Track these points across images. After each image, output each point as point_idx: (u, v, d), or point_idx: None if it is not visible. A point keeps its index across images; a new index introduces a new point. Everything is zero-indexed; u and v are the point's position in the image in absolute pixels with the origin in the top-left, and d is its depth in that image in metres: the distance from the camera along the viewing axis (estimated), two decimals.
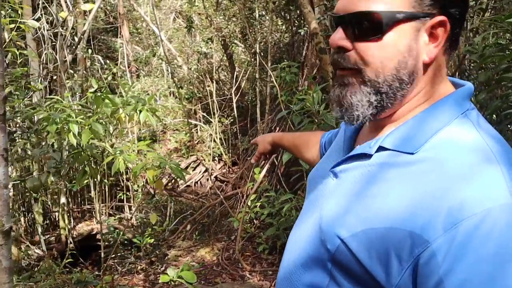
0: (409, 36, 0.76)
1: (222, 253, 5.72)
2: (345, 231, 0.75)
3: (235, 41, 9.41)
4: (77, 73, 6.78)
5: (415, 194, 0.69)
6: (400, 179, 0.73)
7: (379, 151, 0.79)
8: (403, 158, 0.75)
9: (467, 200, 0.64)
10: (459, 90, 0.82)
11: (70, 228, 5.89)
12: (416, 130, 0.77)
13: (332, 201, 0.83)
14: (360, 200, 0.76)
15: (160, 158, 2.99)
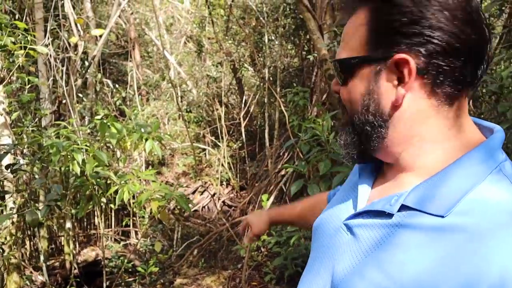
0: (368, 79, 0.75)
1: (229, 282, 5.58)
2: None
3: (245, 65, 9.44)
4: (87, 97, 6.81)
5: (450, 266, 0.62)
6: (430, 248, 0.65)
7: (402, 210, 0.72)
8: (431, 221, 0.67)
9: (508, 272, 0.58)
10: (491, 139, 0.73)
11: (75, 254, 5.80)
12: (444, 188, 0.69)
13: (348, 260, 0.76)
14: (382, 265, 0.69)
15: (165, 189, 2.92)
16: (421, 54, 0.68)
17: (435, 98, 0.71)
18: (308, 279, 0.88)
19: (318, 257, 0.88)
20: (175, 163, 9.54)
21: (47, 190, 4.95)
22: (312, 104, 5.66)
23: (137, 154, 7.29)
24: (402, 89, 0.71)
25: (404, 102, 0.72)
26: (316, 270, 0.86)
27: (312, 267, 0.89)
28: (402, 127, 0.74)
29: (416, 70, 0.69)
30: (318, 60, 5.06)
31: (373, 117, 0.75)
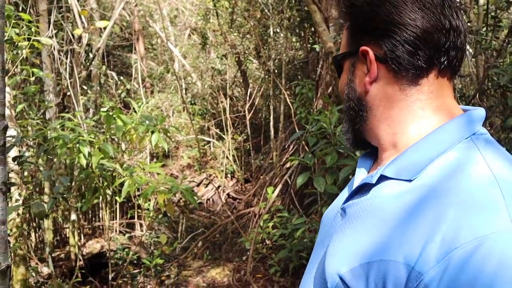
0: (348, 71, 0.87)
1: (233, 274, 5.59)
2: (344, 267, 0.72)
3: (250, 58, 9.39)
4: (91, 89, 6.79)
5: (410, 224, 0.67)
6: (398, 209, 0.71)
7: (381, 181, 0.78)
8: (402, 187, 0.74)
9: (461, 228, 0.61)
10: (468, 114, 0.80)
11: (80, 245, 5.82)
12: (414, 156, 0.76)
13: (336, 239, 0.80)
14: (358, 234, 0.75)
15: (172, 182, 2.91)
16: (382, 44, 0.78)
17: (400, 83, 0.79)
18: (310, 266, 0.92)
19: (319, 244, 0.93)
20: (179, 156, 9.53)
21: (52, 183, 4.96)
22: (318, 96, 5.62)
23: (142, 147, 7.29)
24: (367, 77, 0.81)
25: (374, 89, 0.82)
26: (317, 256, 0.90)
27: (314, 253, 0.94)
28: (376, 110, 0.83)
29: (375, 58, 0.79)
30: (324, 52, 5.02)
31: (353, 103, 0.85)
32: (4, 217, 1.23)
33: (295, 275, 5.27)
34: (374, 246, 0.69)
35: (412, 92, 0.79)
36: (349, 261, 0.72)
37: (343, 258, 0.73)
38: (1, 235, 1.24)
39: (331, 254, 0.78)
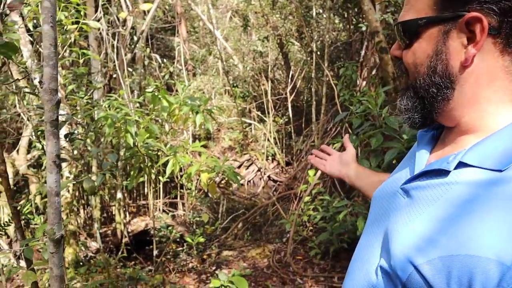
0: (436, 40, 0.75)
1: (273, 255, 5.63)
2: (420, 257, 0.67)
3: (291, 39, 9.28)
4: (136, 72, 6.93)
5: (507, 219, 0.61)
6: (488, 201, 0.65)
7: (459, 168, 0.72)
8: (489, 176, 0.67)
9: None
10: None
11: (126, 223, 6.02)
12: (503, 144, 0.69)
13: (403, 223, 0.75)
14: (439, 223, 0.68)
15: (215, 161, 2.94)
16: (494, 12, 0.67)
17: (505, 59, 0.70)
18: (363, 243, 0.89)
19: (374, 221, 0.89)
20: (221, 138, 9.63)
21: (100, 161, 5.13)
22: (361, 78, 5.49)
23: (186, 127, 7.39)
24: (473, 48, 0.70)
25: (473, 63, 0.72)
26: (371, 233, 0.87)
27: (367, 231, 0.91)
28: (468, 88, 0.73)
29: (488, 29, 0.68)
30: (369, 32, 4.88)
31: (440, 79, 0.75)
32: (58, 188, 1.28)
33: (336, 258, 5.25)
34: (458, 239, 0.64)
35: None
36: (424, 250, 0.67)
37: (415, 245, 0.69)
38: (55, 206, 1.29)
39: (400, 239, 0.73)
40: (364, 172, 1.43)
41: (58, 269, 1.35)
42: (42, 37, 1.22)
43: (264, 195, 8.16)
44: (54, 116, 1.23)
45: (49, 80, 1.22)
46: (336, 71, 7.10)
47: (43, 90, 1.21)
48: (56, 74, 1.23)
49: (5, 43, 1.60)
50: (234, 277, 3.04)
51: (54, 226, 1.30)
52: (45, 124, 1.24)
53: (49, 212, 1.29)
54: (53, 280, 1.37)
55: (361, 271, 0.83)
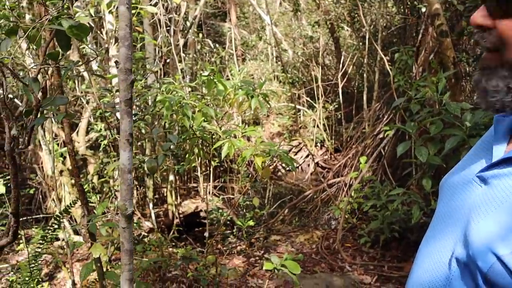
0: None
1: (322, 241, 5.61)
2: (504, 247, 0.63)
3: (342, 24, 9.09)
4: (188, 56, 7.03)
5: None
6: None
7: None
8: None
9: None
10: None
11: (177, 205, 6.18)
12: None
13: (483, 213, 0.71)
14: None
15: (270, 145, 2.95)
16: None
17: None
18: (433, 234, 0.86)
19: (446, 211, 0.85)
20: (269, 123, 9.63)
21: (153, 143, 5.28)
22: (418, 63, 5.30)
23: (242, 111, 7.45)
24: None
25: None
26: (443, 223, 0.83)
27: (438, 222, 0.86)
28: None
29: None
30: (429, 15, 4.69)
31: None
32: (130, 166, 1.33)
33: (386, 247, 5.16)
34: None
35: None
36: (509, 241, 0.64)
37: (497, 235, 0.66)
38: (128, 182, 1.34)
39: (480, 229, 0.70)
40: None
41: (129, 244, 1.41)
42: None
43: (312, 181, 8.12)
44: (129, 95, 1.27)
45: (125, 60, 1.26)
46: (391, 56, 6.88)
47: (118, 70, 1.25)
48: (131, 55, 1.26)
49: (78, 24, 1.66)
50: (287, 261, 3.05)
51: (126, 202, 1.35)
52: (119, 103, 1.28)
53: (122, 188, 1.34)
54: (124, 254, 1.43)
55: (433, 263, 0.80)
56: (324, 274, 4.77)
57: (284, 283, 4.51)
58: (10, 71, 1.69)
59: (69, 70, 1.68)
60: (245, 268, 4.88)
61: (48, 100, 1.80)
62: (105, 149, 5.59)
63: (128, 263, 1.43)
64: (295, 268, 2.99)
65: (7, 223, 1.83)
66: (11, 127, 1.57)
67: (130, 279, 1.47)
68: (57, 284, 4.59)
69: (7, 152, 1.54)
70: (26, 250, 5.07)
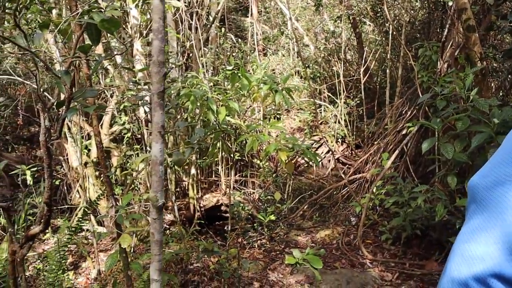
0: None
1: (342, 237, 5.59)
2: None
3: (365, 19, 8.99)
4: (210, 51, 7.05)
5: None
6: None
7: None
8: None
9: None
10: None
11: (198, 198, 6.23)
12: None
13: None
14: None
15: (294, 139, 2.95)
16: None
17: None
18: (465, 237, 0.82)
19: (480, 212, 0.80)
20: (290, 118, 9.61)
21: (175, 137, 5.32)
22: (443, 59, 5.22)
23: (266, 105, 7.45)
24: None
25: None
26: (476, 225, 0.79)
27: (471, 223, 0.81)
28: None
29: None
30: (456, 9, 4.60)
31: None
32: (162, 158, 1.35)
33: (407, 245, 5.11)
34: None
35: None
36: None
37: None
38: (159, 174, 1.36)
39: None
40: None
41: (159, 234, 1.43)
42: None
43: (333, 177, 8.08)
44: (161, 88, 1.29)
45: (158, 53, 1.28)
46: (414, 52, 6.79)
47: (152, 62, 1.27)
48: (163, 47, 1.28)
49: (109, 18, 1.69)
50: (309, 255, 3.06)
51: (157, 193, 1.38)
52: (152, 96, 1.30)
53: (153, 180, 1.36)
54: (154, 245, 1.45)
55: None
56: (345, 270, 4.75)
57: (305, 277, 4.51)
58: (44, 63, 1.73)
59: (99, 64, 1.71)
60: (265, 262, 4.90)
61: (79, 92, 1.84)
62: (128, 142, 5.67)
63: (158, 254, 1.46)
64: (317, 263, 3.00)
65: (38, 212, 1.87)
66: (45, 119, 1.60)
67: (159, 269, 1.50)
68: (82, 273, 4.68)
69: (42, 143, 1.58)
70: (52, 239, 5.20)
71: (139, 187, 5.27)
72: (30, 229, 1.97)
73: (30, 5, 1.80)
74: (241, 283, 4.20)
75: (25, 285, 1.98)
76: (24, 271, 1.98)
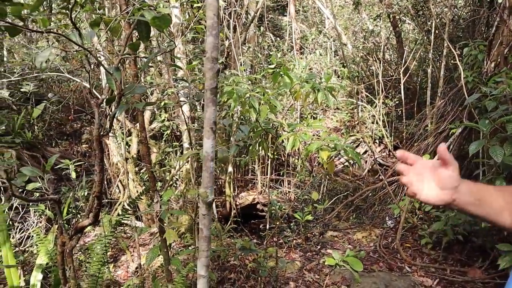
0: None
1: (380, 240, 5.49)
2: None
3: (405, 18, 8.80)
4: (248, 50, 7.07)
5: None
6: None
7: None
8: None
9: None
10: None
11: (234, 196, 6.26)
12: None
13: None
14: None
15: (336, 139, 2.91)
16: None
17: None
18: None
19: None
20: (327, 118, 9.52)
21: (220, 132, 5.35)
22: (490, 58, 5.03)
23: (307, 104, 7.41)
24: None
25: None
26: None
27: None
28: None
29: None
30: (505, 7, 4.44)
31: None
32: (213, 154, 1.35)
33: (448, 250, 4.97)
34: None
35: None
36: None
37: None
38: (210, 170, 1.37)
39: None
40: (485, 191, 1.04)
41: (208, 231, 1.44)
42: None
43: (369, 178, 7.95)
44: (214, 84, 1.29)
45: (212, 49, 1.28)
46: (458, 51, 6.58)
47: (205, 58, 1.27)
48: (218, 44, 1.28)
49: (161, 16, 1.71)
50: (349, 257, 3.01)
51: (208, 189, 1.38)
52: (205, 92, 1.30)
53: (204, 176, 1.37)
54: (202, 241, 1.46)
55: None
56: (383, 273, 4.66)
57: (342, 279, 4.46)
58: (97, 60, 1.77)
59: (149, 61, 1.73)
60: (301, 262, 4.87)
61: (129, 88, 1.87)
62: (167, 139, 5.75)
63: (206, 249, 1.47)
64: (358, 265, 2.94)
65: (88, 205, 1.92)
66: (99, 114, 1.64)
67: (206, 265, 1.51)
68: (121, 266, 4.79)
69: (95, 137, 1.62)
70: (93, 232, 5.34)
71: (177, 183, 5.34)
72: (79, 221, 2.02)
73: (85, 4, 1.84)
74: (277, 283, 4.19)
75: (73, 275, 2.04)
76: (72, 262, 2.03)
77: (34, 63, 5.68)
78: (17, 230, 4.36)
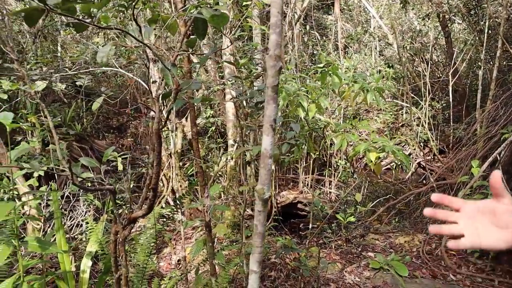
0: None
1: (423, 245, 5.36)
2: None
3: (455, 17, 8.52)
4: (293, 49, 7.06)
5: None
6: None
7: None
8: None
9: None
10: None
11: (275, 194, 6.26)
12: None
13: None
14: None
15: (384, 140, 2.86)
16: None
17: None
18: None
19: None
20: (369, 119, 9.36)
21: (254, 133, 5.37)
22: None
23: (355, 104, 7.34)
24: None
25: None
26: None
27: None
28: None
29: None
30: None
31: None
32: (271, 151, 1.36)
33: (496, 260, 4.79)
34: None
35: None
36: None
37: None
38: (268, 167, 1.38)
39: None
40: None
41: (262, 227, 1.45)
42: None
43: (412, 182, 7.77)
44: (276, 82, 1.30)
45: (274, 47, 1.29)
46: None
47: (268, 56, 1.28)
48: (280, 41, 1.29)
49: (220, 13, 1.74)
50: (394, 261, 2.96)
51: (265, 186, 1.39)
52: (266, 89, 1.31)
53: (261, 173, 1.38)
54: (256, 237, 1.47)
55: None
56: (426, 280, 4.55)
57: (383, 283, 4.38)
58: (155, 55, 1.82)
59: (207, 58, 1.76)
60: (342, 264, 4.82)
61: (186, 84, 1.91)
62: (211, 136, 5.82)
63: (260, 245, 1.48)
64: (403, 270, 2.90)
65: (142, 197, 1.97)
66: (158, 109, 1.68)
67: (259, 261, 1.52)
68: (163, 258, 4.89)
69: (155, 131, 1.66)
70: (137, 223, 5.48)
71: (220, 179, 5.41)
72: (132, 212, 2.09)
73: (147, 1, 1.90)
74: (318, 283, 4.17)
75: (125, 263, 2.10)
76: (125, 251, 2.10)
77: (90, 58, 5.89)
78: (67, 218, 4.54)
